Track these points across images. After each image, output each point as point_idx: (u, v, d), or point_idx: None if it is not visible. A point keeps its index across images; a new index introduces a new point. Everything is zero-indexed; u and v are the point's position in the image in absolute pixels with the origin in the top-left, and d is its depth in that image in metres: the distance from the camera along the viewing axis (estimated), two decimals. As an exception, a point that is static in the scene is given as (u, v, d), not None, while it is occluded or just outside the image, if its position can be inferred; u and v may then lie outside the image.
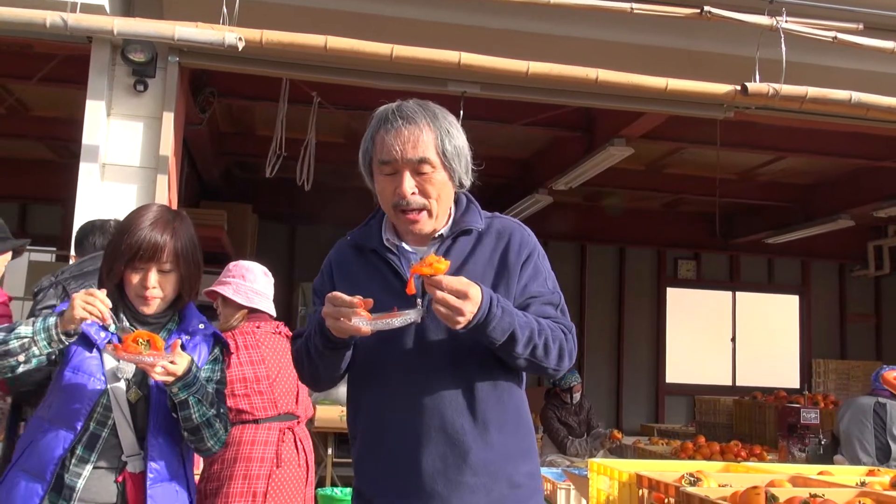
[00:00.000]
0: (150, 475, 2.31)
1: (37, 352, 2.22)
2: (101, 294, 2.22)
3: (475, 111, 6.70)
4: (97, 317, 2.20)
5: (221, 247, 7.74)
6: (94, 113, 4.69)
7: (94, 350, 2.35)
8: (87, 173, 4.65)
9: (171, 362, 2.21)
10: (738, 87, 4.65)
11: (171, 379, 2.23)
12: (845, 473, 3.64)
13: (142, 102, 4.76)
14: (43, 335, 2.21)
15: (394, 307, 1.87)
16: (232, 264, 3.74)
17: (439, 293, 1.81)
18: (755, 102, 4.73)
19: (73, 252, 3.40)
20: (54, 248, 9.39)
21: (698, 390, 10.86)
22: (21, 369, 2.25)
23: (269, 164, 5.61)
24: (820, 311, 11.76)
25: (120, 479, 2.30)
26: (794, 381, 11.32)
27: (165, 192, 4.70)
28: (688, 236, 11.18)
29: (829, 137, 7.60)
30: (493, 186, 9.99)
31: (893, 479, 3.43)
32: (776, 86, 4.60)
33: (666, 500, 2.89)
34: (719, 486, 2.99)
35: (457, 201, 2.16)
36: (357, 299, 1.84)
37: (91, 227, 3.44)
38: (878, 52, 4.70)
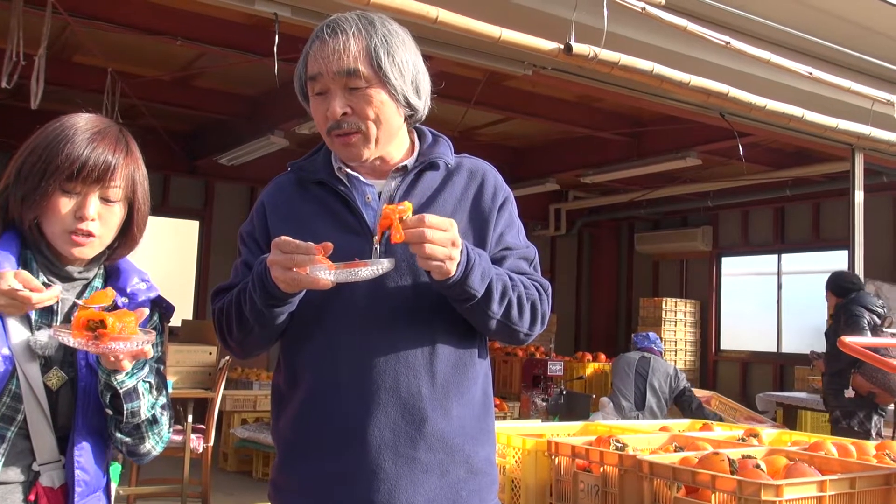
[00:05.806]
0: (77, 488, 1.61)
1: None
2: (27, 277, 1.48)
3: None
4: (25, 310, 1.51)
5: None
6: None
7: None
8: None
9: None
10: (563, 46, 4.65)
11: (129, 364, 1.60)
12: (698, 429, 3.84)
13: None
14: None
15: (354, 257, 1.55)
16: None
17: (429, 234, 1.49)
18: (574, 63, 4.76)
19: None
20: None
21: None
22: None
23: (6, 73, 4.47)
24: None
25: (31, 496, 1.61)
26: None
27: None
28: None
29: (560, 105, 8.10)
30: (213, 123, 9.16)
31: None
32: (596, 49, 4.67)
33: (603, 469, 2.77)
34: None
35: (421, 134, 1.84)
36: (315, 245, 1.50)
37: None
38: (675, 29, 4.98)
